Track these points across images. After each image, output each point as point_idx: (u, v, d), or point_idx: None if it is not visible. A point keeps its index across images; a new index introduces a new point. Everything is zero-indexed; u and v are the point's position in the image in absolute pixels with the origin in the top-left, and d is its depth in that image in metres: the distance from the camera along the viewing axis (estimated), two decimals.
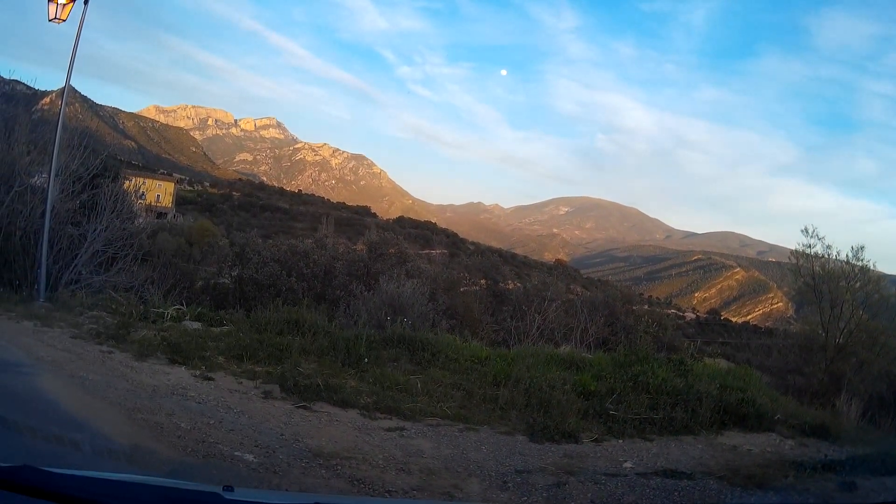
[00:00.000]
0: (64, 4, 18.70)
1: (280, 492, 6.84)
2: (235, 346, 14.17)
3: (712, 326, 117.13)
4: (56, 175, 20.54)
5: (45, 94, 27.50)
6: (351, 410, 11.10)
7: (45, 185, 20.66)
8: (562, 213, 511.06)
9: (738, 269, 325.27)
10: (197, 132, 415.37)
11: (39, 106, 27.25)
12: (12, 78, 25.35)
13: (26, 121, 23.82)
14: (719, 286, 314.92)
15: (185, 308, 18.68)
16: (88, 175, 23.14)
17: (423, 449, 9.60)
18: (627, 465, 9.49)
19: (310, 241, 42.67)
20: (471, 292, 33.08)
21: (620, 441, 10.81)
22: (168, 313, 17.61)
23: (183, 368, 12.65)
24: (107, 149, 29.77)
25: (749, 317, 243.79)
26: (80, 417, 9.00)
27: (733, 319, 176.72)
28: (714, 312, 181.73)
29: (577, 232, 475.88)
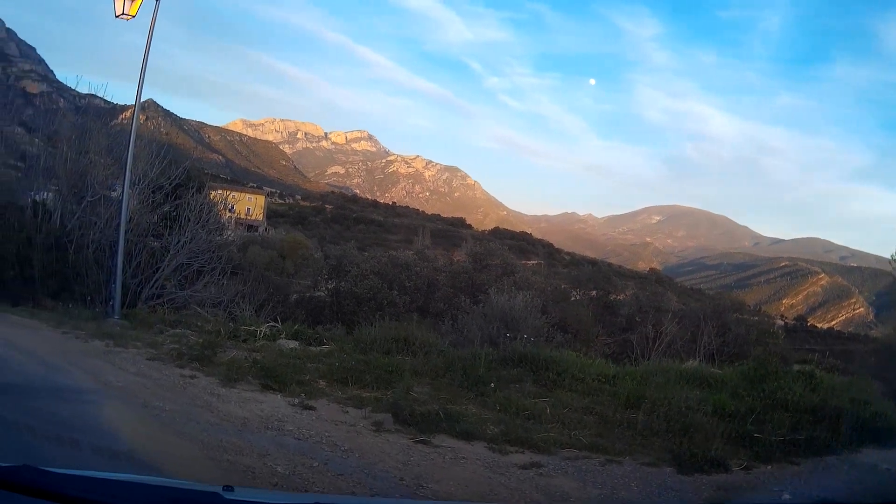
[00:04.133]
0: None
1: (280, 492, 6.88)
2: (338, 369, 13.47)
3: (800, 333, 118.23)
4: (132, 184, 20.41)
5: (124, 108, 27.44)
6: (476, 443, 10.25)
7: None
8: (653, 221, 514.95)
9: (823, 274, 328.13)
10: (286, 146, 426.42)
11: (119, 120, 27.62)
12: (88, 92, 25.62)
13: (102, 134, 24.15)
14: (805, 292, 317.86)
15: (279, 325, 17.82)
16: (170, 185, 23.10)
17: (568, 491, 8.77)
18: (786, 496, 8.97)
19: (411, 252, 45.35)
20: (582, 303, 32.97)
21: (769, 467, 10.26)
22: (261, 331, 16.82)
23: (278, 396, 11.70)
24: (191, 161, 29.19)
25: (833, 322, 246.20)
26: (149, 458, 7.75)
27: (818, 325, 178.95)
28: (801, 319, 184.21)
29: (668, 241, 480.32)
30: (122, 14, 18.31)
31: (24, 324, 17.54)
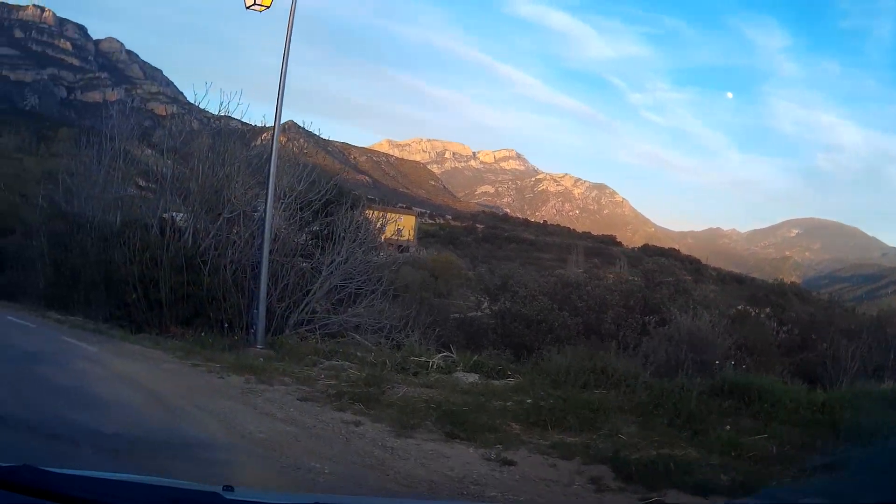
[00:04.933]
0: None
1: (280, 492, 6.74)
2: (533, 408, 11.96)
3: None
4: (275, 198, 20.01)
5: (262, 129, 27.33)
6: (715, 498, 8.70)
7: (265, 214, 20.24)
8: (792, 235, 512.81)
9: None
10: (434, 165, 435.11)
11: (259, 142, 27.65)
12: (223, 114, 24.76)
13: (241, 153, 23.92)
14: None
15: (454, 355, 16.38)
16: (320, 200, 22.48)
17: None
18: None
19: (580, 270, 46.78)
20: (761, 323, 32.17)
21: None
22: (433, 362, 15.58)
23: (469, 447, 9.94)
24: (340, 176, 29.15)
25: None
26: None
27: None
28: None
29: (806, 254, 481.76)
30: (254, 5, 18.18)
31: (147, 355, 16.65)
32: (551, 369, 14.57)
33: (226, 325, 19.59)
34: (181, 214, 23.60)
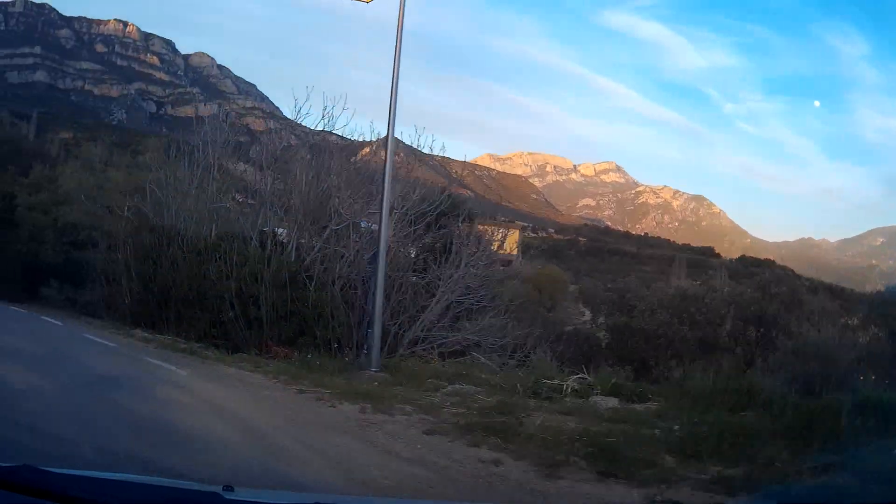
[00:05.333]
0: None
1: (280, 491, 6.50)
2: (685, 437, 10.87)
3: None
4: (391, 209, 19.42)
5: (363, 143, 27.01)
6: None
7: (373, 227, 20.38)
8: (877, 243, 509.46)
9: None
10: (536, 179, 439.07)
11: (359, 157, 28.24)
12: (322, 129, 24.99)
13: (343, 167, 24.10)
14: None
15: (588, 377, 15.11)
16: (434, 211, 22.16)
17: None
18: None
19: (698, 282, 46.01)
20: (876, 336, 31.59)
21: None
22: (567, 385, 14.29)
23: (628, 488, 8.76)
24: (449, 189, 28.77)
25: None
26: None
27: None
28: None
29: (890, 262, 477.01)
30: None
31: (245, 379, 15.60)
32: (694, 391, 13.53)
33: (335, 346, 18.74)
34: (283, 229, 23.20)
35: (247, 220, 24.28)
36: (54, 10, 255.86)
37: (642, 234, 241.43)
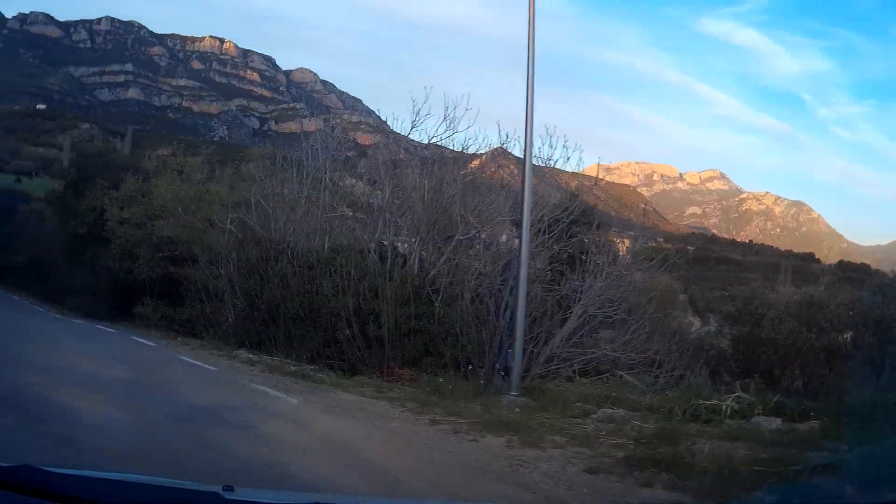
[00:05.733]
0: None
1: (280, 491, 6.62)
2: (865, 463, 9.64)
3: None
4: (514, 220, 19.82)
5: (473, 156, 26.60)
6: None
7: (497, 240, 21.02)
8: None
9: None
10: (643, 188, 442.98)
11: (469, 169, 27.54)
12: (431, 142, 24.69)
13: (455, 176, 23.56)
14: None
15: (748, 396, 13.96)
16: (567, 218, 21.88)
17: None
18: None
19: (821, 288, 47.23)
20: None
21: None
22: (726, 406, 13.19)
23: None
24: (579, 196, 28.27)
25: None
26: None
27: None
28: None
29: None
30: None
31: (367, 408, 14.03)
32: (855, 407, 13.20)
33: (467, 367, 17.50)
34: (399, 242, 22.76)
35: (364, 230, 23.64)
36: (144, 27, 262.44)
37: (747, 242, 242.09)
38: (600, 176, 26.73)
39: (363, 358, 18.67)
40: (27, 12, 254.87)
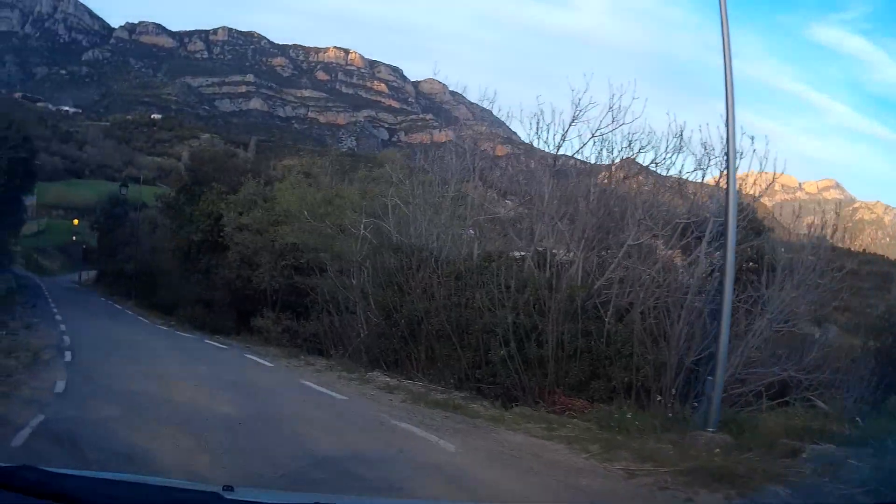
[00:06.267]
0: None
1: (280, 491, 6.97)
2: None
3: None
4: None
5: (600, 167, 25.07)
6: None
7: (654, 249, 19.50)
8: None
9: None
10: (765, 198, 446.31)
11: (598, 180, 25.34)
12: (562, 153, 23.41)
13: (588, 188, 22.16)
14: None
15: None
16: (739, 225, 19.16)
17: None
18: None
19: None
20: None
21: None
22: None
23: None
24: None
25: None
26: None
27: None
28: None
29: None
30: None
31: (542, 454, 11.55)
32: None
33: (640, 393, 15.49)
34: (560, 249, 20.45)
35: (518, 233, 21.62)
36: (264, 37, 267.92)
37: (861, 251, 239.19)
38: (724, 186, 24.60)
39: (520, 382, 16.45)
40: (135, 22, 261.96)
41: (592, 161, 24.02)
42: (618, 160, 21.07)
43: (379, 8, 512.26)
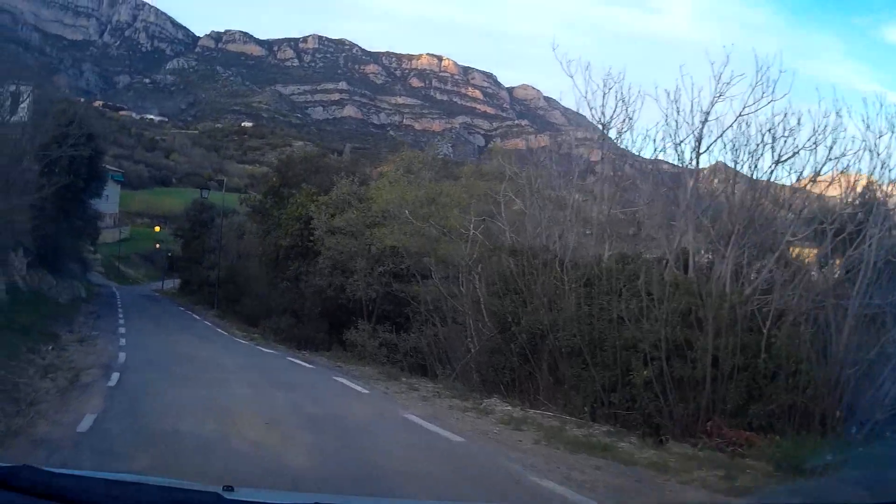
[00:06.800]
0: None
1: (280, 492, 6.86)
2: None
3: None
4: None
5: (691, 171, 23.22)
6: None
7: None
8: None
9: None
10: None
11: (691, 183, 23.27)
12: (654, 157, 22.53)
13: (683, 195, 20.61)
14: None
15: None
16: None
17: None
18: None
19: None
20: None
21: None
22: None
23: None
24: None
25: None
26: None
27: None
28: None
29: None
30: None
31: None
32: None
33: (808, 420, 13.17)
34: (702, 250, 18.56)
35: (659, 233, 19.33)
36: (356, 45, 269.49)
37: None
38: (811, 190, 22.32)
39: (667, 409, 14.04)
40: (221, 31, 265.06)
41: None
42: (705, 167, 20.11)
43: (470, 15, 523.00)
